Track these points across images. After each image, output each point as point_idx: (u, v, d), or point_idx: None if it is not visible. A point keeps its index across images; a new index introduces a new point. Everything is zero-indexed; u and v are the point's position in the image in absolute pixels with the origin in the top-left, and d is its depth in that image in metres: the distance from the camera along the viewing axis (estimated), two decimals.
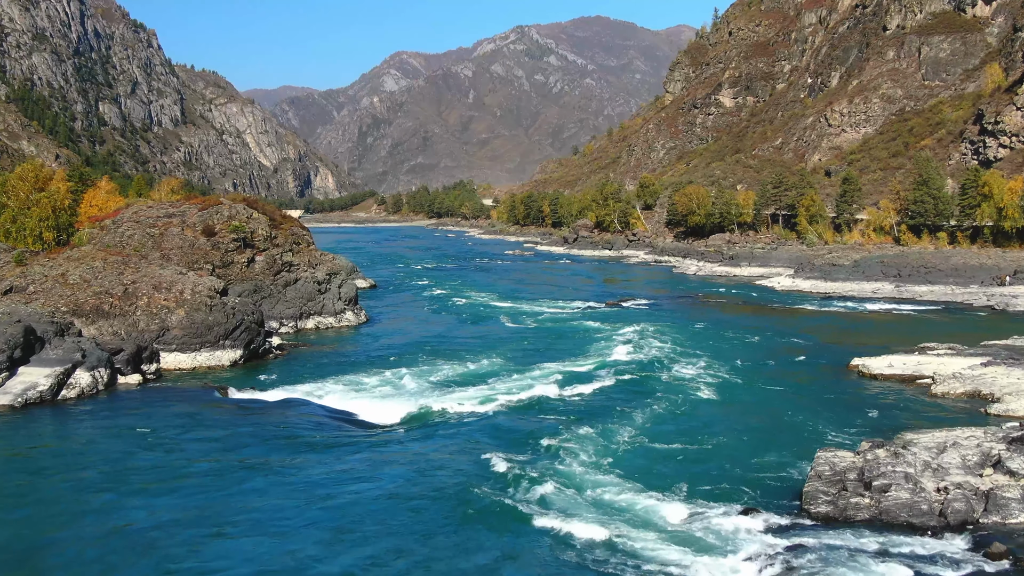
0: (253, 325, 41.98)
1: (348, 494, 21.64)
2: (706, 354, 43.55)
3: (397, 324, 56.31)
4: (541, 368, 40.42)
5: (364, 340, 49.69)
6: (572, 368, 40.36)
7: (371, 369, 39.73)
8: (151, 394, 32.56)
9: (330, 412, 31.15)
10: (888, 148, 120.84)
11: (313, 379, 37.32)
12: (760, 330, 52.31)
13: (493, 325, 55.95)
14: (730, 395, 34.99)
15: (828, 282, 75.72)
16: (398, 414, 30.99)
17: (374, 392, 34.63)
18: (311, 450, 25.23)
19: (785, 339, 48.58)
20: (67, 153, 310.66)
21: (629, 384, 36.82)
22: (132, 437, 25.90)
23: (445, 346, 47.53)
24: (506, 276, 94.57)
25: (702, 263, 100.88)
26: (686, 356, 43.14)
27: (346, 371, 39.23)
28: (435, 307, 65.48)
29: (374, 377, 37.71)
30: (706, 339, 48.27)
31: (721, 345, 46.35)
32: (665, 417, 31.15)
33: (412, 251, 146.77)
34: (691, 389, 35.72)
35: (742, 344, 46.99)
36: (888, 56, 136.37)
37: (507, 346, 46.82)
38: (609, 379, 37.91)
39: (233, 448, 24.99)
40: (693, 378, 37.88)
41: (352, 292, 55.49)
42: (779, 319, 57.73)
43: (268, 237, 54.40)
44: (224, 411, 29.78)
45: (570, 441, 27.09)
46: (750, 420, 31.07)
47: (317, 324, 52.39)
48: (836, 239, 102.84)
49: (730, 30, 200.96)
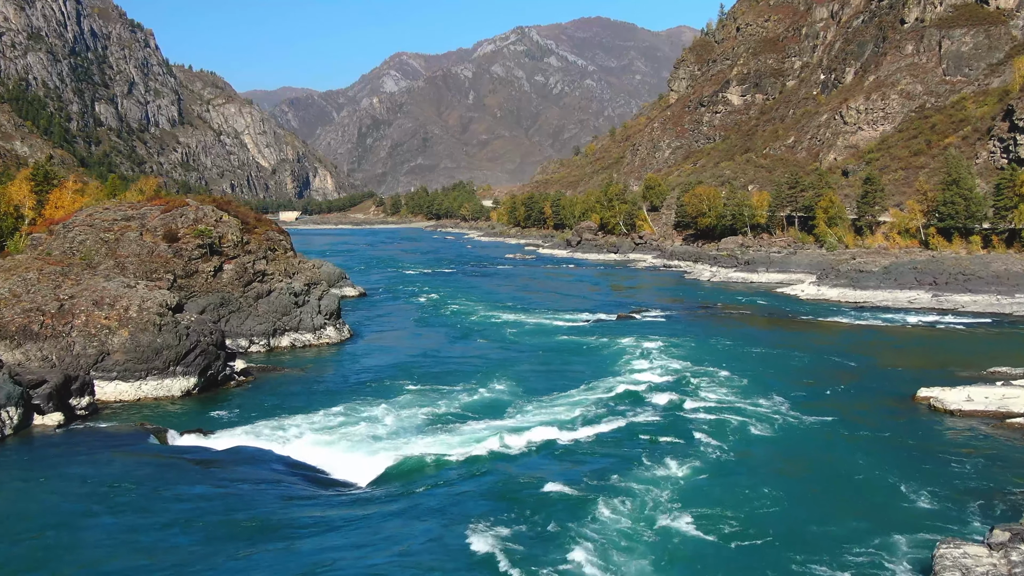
0: (211, 347, 35.82)
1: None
2: (740, 380, 37.40)
3: (384, 340, 50.15)
4: (547, 400, 34.28)
5: (345, 362, 43.50)
6: (584, 399, 34.20)
7: (349, 401, 33.59)
8: (68, 440, 26.38)
9: (290, 467, 24.97)
10: (909, 146, 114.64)
11: (277, 415, 31.17)
12: (796, 348, 46.15)
13: (492, 341, 49.81)
14: (781, 438, 28.82)
15: (857, 290, 69.58)
16: (375, 468, 24.84)
17: (349, 435, 28.46)
18: (254, 535, 18.99)
19: (828, 360, 42.39)
20: (61, 153, 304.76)
21: (654, 423, 30.64)
22: (8, 519, 19.48)
23: (437, 369, 41.38)
24: (506, 283, 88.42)
25: (716, 268, 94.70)
26: (717, 383, 36.97)
27: (318, 404, 33.08)
28: (428, 319, 59.33)
29: (351, 413, 31.56)
30: (737, 360, 42.10)
31: (755, 368, 40.17)
32: (705, 474, 24.96)
33: (408, 254, 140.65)
34: (731, 430, 29.55)
35: (780, 367, 40.82)
36: (906, 50, 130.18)
37: (507, 369, 40.67)
38: (629, 414, 31.76)
39: (146, 532, 18.74)
40: (730, 413, 31.70)
41: (334, 305, 49.32)
42: (813, 335, 51.55)
43: (239, 243, 48.23)
44: (153, 467, 23.59)
45: (587, 515, 20.94)
46: (813, 477, 24.91)
47: (293, 342, 46.20)
48: (858, 242, 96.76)
49: (737, 26, 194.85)
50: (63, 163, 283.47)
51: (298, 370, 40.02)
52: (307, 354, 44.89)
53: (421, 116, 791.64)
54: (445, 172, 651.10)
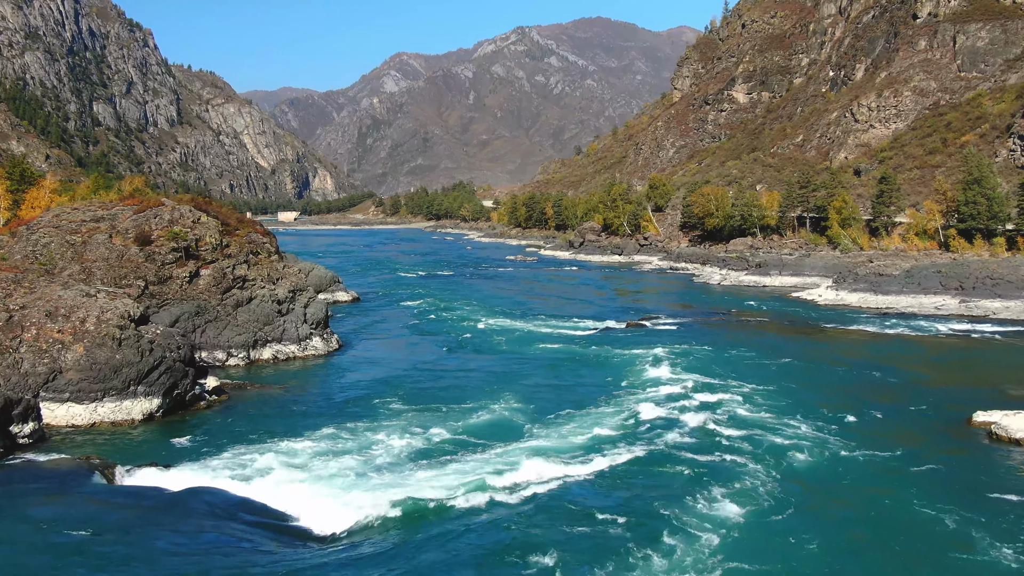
0: (178, 364, 32.01)
1: None
2: (769, 397, 33.61)
3: (376, 351, 46.34)
4: (556, 424, 30.49)
5: (331, 377, 39.68)
6: (598, 422, 30.41)
7: (331, 425, 29.79)
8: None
9: (255, 513, 21.17)
10: (924, 145, 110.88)
11: (247, 443, 27.39)
12: (824, 360, 42.35)
13: (493, 352, 46.02)
14: (825, 470, 25.02)
15: (879, 295, 65.73)
16: (354, 515, 21.05)
17: (326, 472, 24.66)
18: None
19: (863, 375, 38.56)
20: (58, 153, 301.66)
21: (679, 452, 26.84)
22: None
23: (433, 384, 37.60)
24: (508, 286, 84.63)
25: (725, 271, 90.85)
26: (744, 401, 33.18)
27: (296, 429, 29.29)
28: (424, 327, 55.52)
29: (332, 442, 27.77)
30: (761, 374, 38.29)
31: (783, 384, 36.36)
32: (744, 517, 21.19)
33: (406, 256, 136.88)
34: (767, 459, 25.74)
35: (811, 382, 36.99)
36: (919, 46, 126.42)
37: (511, 384, 36.90)
38: (650, 441, 27.96)
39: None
40: (764, 437, 27.91)
41: (321, 313, 45.52)
42: (840, 345, 47.73)
43: (217, 246, 44.44)
44: (88, 517, 19.77)
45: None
46: (866, 521, 21.12)
47: (275, 354, 42.37)
48: (873, 244, 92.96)
49: (743, 22, 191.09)
50: (60, 163, 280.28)
51: (278, 387, 36.19)
52: (290, 367, 41.08)
53: (421, 116, 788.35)
54: (445, 172, 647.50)
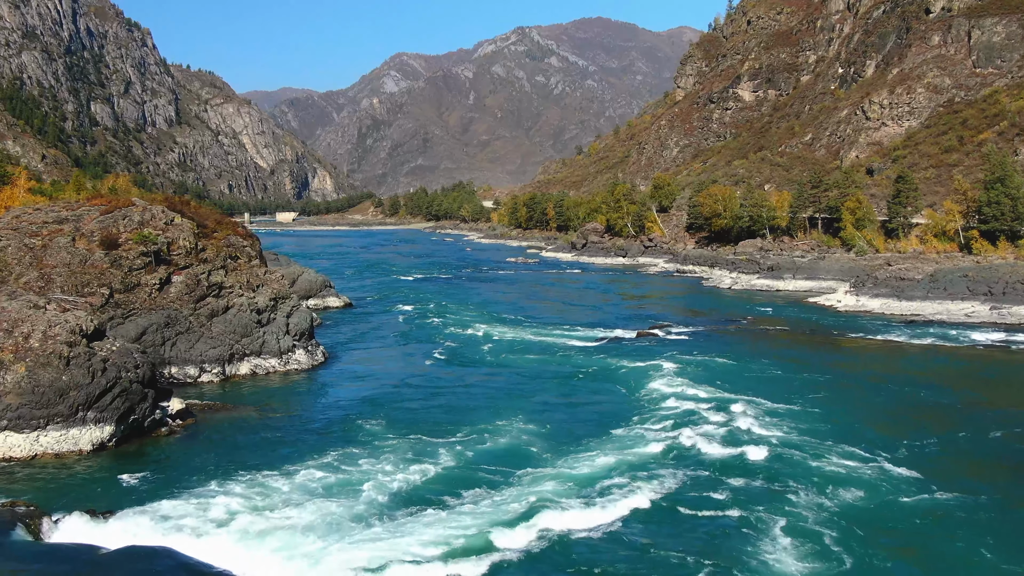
0: (135, 385, 28.21)
1: None
2: (803, 419, 29.82)
3: (366, 365, 42.52)
4: (570, 454, 26.64)
5: (314, 396, 35.88)
6: (618, 453, 26.60)
7: (310, 457, 26.00)
8: None
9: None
10: (939, 143, 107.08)
11: (211, 480, 23.58)
12: (856, 374, 38.56)
13: (494, 365, 42.24)
14: (882, 513, 21.20)
15: (902, 301, 61.95)
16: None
17: (304, 516, 20.85)
18: None
19: (904, 394, 34.75)
20: (55, 153, 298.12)
21: (716, 492, 23.03)
22: None
23: (428, 405, 33.81)
24: (508, 291, 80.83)
25: (736, 274, 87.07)
26: (776, 422, 29.37)
27: (270, 461, 25.50)
28: (420, 336, 51.73)
29: (305, 480, 23.96)
30: (790, 391, 34.49)
31: (817, 403, 32.54)
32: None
33: (404, 258, 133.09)
34: (814, 497, 21.94)
35: (848, 403, 33.17)
36: (933, 41, 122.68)
37: (514, 404, 33.12)
38: (680, 477, 24.16)
39: None
40: (806, 468, 24.12)
41: (305, 323, 41.69)
42: (870, 357, 43.90)
43: (192, 250, 40.64)
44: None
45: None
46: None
47: (254, 369, 38.55)
48: (889, 246, 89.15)
49: (748, 19, 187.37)
50: (56, 163, 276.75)
51: (252, 409, 32.37)
52: (270, 384, 37.27)
53: (421, 117, 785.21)
54: (445, 173, 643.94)
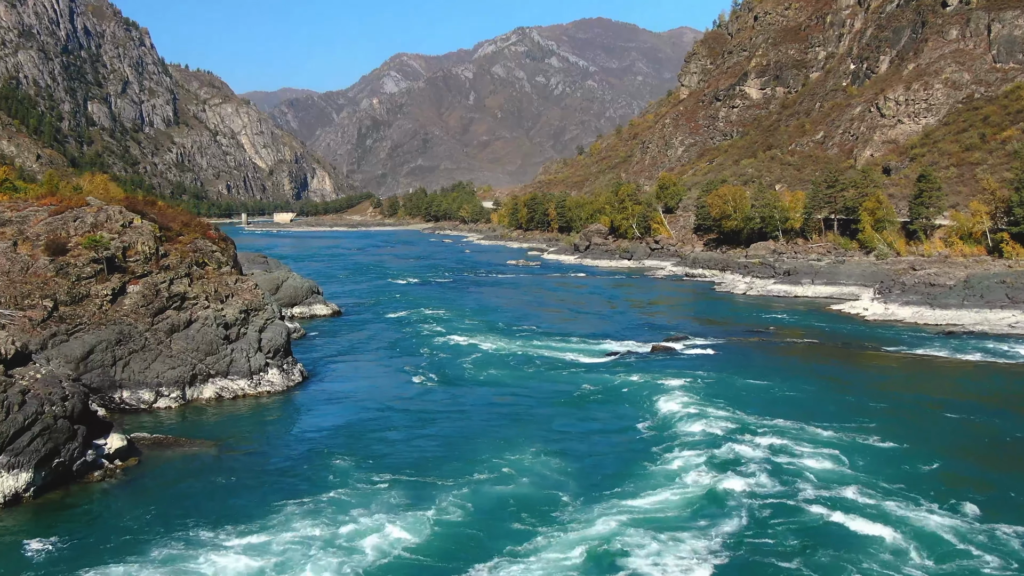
0: (62, 422, 23.49)
1: None
2: (861, 456, 25.08)
3: (350, 385, 37.78)
4: (589, 506, 21.94)
5: (286, 426, 31.13)
6: (650, 504, 21.90)
7: (274, 512, 21.28)
8: None
9: None
10: (959, 140, 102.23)
11: (144, 548, 18.88)
12: (909, 400, 33.78)
13: (494, 385, 37.53)
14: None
15: (936, 309, 57.20)
16: None
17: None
18: None
19: (970, 421, 29.95)
20: (50, 153, 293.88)
21: (780, 565, 18.33)
22: None
23: (420, 436, 29.11)
24: (509, 296, 76.09)
25: (750, 279, 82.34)
26: (832, 460, 24.63)
27: (223, 519, 20.80)
28: (413, 349, 46.99)
29: (272, 538, 19.26)
30: (837, 418, 29.70)
31: (873, 433, 27.75)
32: None
33: (401, 260, 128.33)
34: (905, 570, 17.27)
35: (905, 432, 28.30)
36: (950, 35, 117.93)
37: (518, 439, 28.42)
38: (727, 534, 19.47)
39: None
40: (886, 531, 19.44)
41: (280, 339, 36.95)
42: (918, 376, 39.11)
43: (151, 256, 35.93)
44: None
45: None
46: None
47: (219, 391, 33.82)
48: (911, 249, 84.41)
49: (755, 15, 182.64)
50: (52, 163, 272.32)
51: (211, 444, 27.60)
52: (237, 410, 32.54)
53: (421, 117, 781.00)
54: (445, 173, 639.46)
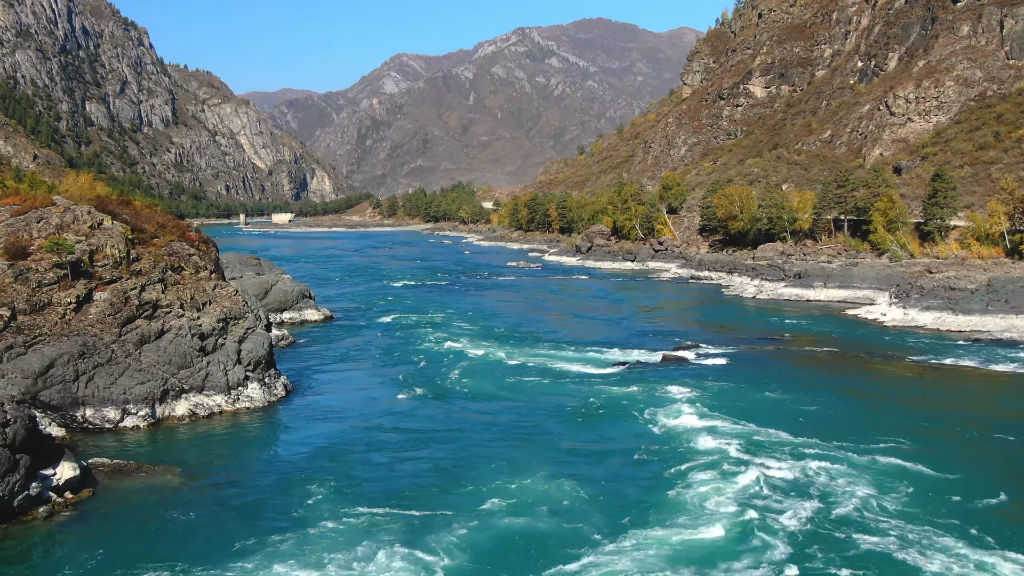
0: (2, 451, 20.67)
1: None
2: (908, 481, 22.31)
3: (337, 400, 34.95)
4: (607, 544, 19.12)
5: (264, 448, 28.28)
6: (669, 537, 19.09)
7: (246, 556, 18.48)
8: None
9: None
10: (972, 139, 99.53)
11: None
12: (945, 415, 30.95)
13: (494, 399, 34.72)
14: None
15: (959, 315, 54.39)
16: None
17: None
18: None
19: (1020, 446, 27.18)
20: (48, 153, 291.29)
21: None
22: None
23: (414, 458, 26.31)
24: (509, 301, 73.24)
25: (759, 282, 79.51)
26: (878, 487, 21.83)
27: (185, 564, 17.97)
28: (407, 358, 44.16)
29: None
30: (872, 438, 26.87)
31: (915, 458, 24.92)
32: None
33: (398, 262, 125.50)
34: None
35: (949, 455, 25.44)
36: (961, 32, 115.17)
37: (523, 462, 25.63)
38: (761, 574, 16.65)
39: None
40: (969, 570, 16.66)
41: (261, 350, 34.09)
42: (954, 389, 36.27)
43: (122, 260, 33.10)
44: None
45: None
46: None
47: (193, 408, 30.96)
48: (925, 251, 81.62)
49: (759, 12, 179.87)
50: (49, 163, 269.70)
51: (177, 472, 24.75)
52: (212, 429, 29.70)
53: (421, 117, 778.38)
54: (445, 174, 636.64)
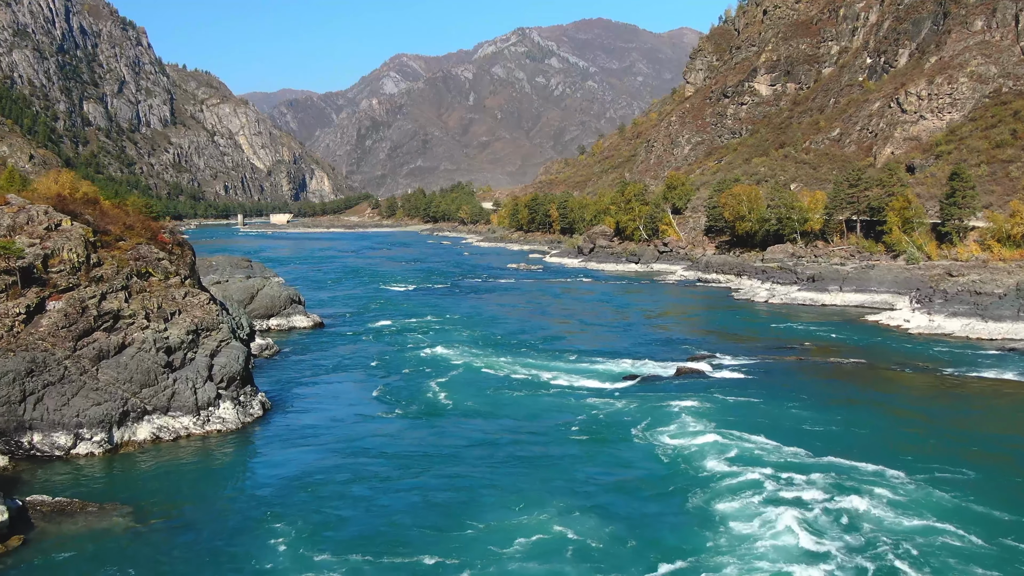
0: None
1: None
2: (976, 521, 19.04)
3: (320, 420, 31.62)
4: None
5: (230, 479, 24.93)
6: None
7: None
8: None
9: None
10: (988, 137, 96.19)
11: None
12: (1004, 439, 27.69)
13: (493, 417, 31.43)
14: None
15: (989, 322, 51.11)
16: None
17: None
18: None
19: None
20: (44, 153, 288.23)
21: None
22: None
23: (403, 491, 23.01)
24: (510, 305, 69.91)
25: (770, 285, 76.22)
26: (939, 531, 18.57)
27: None
28: (398, 371, 40.84)
29: None
30: (923, 466, 23.59)
31: (982, 493, 21.71)
32: None
33: (395, 264, 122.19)
34: None
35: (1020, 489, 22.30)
36: (975, 27, 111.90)
37: (529, 498, 22.34)
38: None
39: None
40: None
41: (236, 365, 30.75)
42: (1003, 410, 32.98)
43: (81, 265, 29.80)
44: None
45: None
46: None
47: (158, 432, 27.65)
48: (942, 252, 78.33)
49: (764, 8, 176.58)
50: (45, 163, 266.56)
51: (124, 513, 21.33)
52: (177, 456, 26.37)
53: (421, 118, 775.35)
54: (445, 174, 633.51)
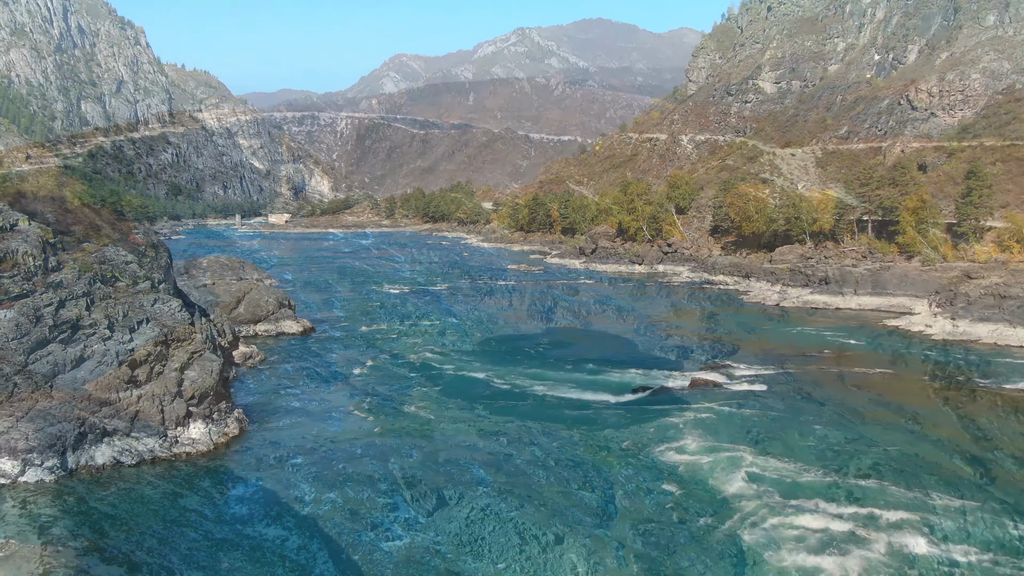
0: None
1: None
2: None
3: (299, 440, 28.77)
4: None
5: (192, 516, 22.07)
6: None
7: None
8: None
9: None
10: (1003, 134, 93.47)
11: None
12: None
13: (492, 435, 28.60)
14: None
15: (1019, 328, 48.32)
16: None
17: None
18: None
19: None
20: (41, 153, 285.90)
21: None
22: None
23: (394, 528, 20.21)
24: (510, 308, 67.06)
25: (781, 288, 73.39)
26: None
27: None
28: (389, 381, 38.00)
29: None
30: (970, 495, 20.86)
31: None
32: None
33: (393, 265, 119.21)
34: None
35: None
36: (987, 21, 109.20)
37: (537, 534, 19.51)
38: None
39: None
40: None
41: (210, 379, 27.91)
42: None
43: (36, 270, 26.97)
44: None
45: None
46: None
47: (118, 456, 24.82)
48: (959, 254, 75.55)
49: (768, 5, 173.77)
50: (43, 163, 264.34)
51: (67, 560, 18.55)
52: (139, 483, 23.53)
53: (421, 118, 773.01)
54: (445, 174, 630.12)
